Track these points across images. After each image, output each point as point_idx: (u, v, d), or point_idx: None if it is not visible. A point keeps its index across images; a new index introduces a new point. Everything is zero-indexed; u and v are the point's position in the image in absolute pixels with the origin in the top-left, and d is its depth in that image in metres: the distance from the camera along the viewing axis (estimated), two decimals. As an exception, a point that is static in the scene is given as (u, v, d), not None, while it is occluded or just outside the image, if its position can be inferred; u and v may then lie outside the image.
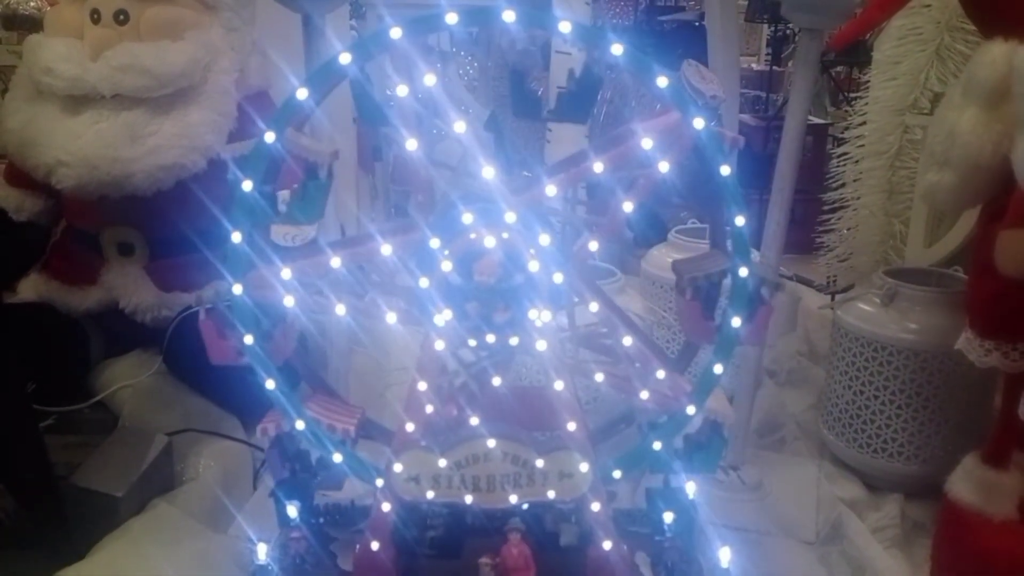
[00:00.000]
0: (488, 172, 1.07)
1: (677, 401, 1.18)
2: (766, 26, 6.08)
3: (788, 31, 5.48)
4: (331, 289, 1.14)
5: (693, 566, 1.23)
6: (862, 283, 2.14)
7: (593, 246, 1.14)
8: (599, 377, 1.20)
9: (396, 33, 1.00)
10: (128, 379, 1.98)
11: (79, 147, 1.82)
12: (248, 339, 1.11)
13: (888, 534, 1.67)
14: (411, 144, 1.07)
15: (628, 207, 1.10)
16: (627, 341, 1.16)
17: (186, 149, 1.86)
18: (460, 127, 1.06)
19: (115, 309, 2.02)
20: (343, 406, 1.25)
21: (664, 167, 1.07)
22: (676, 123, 1.07)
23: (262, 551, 1.18)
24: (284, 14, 1.53)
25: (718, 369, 1.17)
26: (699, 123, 1.05)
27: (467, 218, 1.07)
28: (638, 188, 1.10)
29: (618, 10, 6.70)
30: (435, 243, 1.08)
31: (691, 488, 1.30)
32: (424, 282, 1.09)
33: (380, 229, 1.13)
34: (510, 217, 1.07)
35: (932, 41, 2.26)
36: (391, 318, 1.13)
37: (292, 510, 1.18)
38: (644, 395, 1.18)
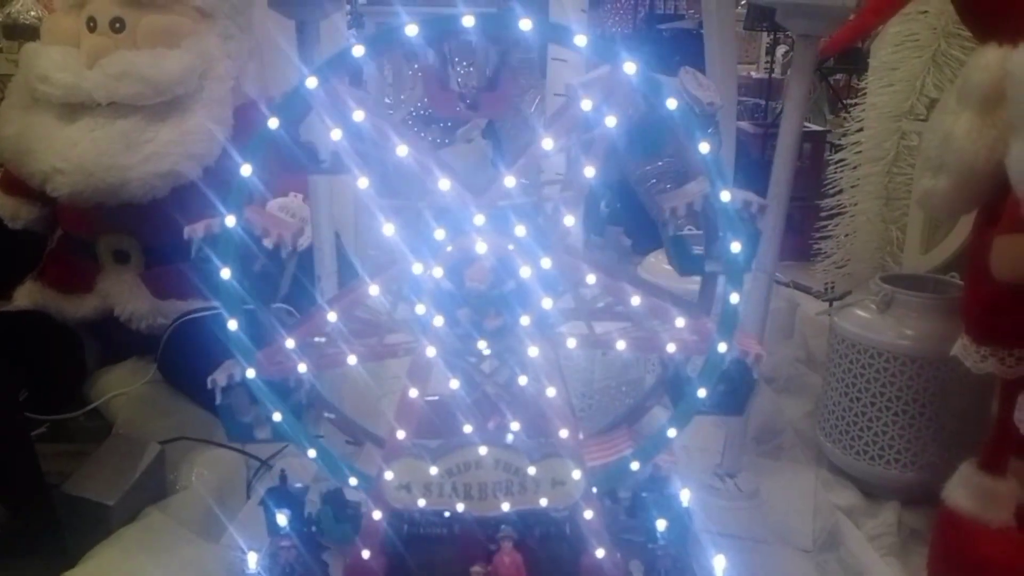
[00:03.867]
0: (444, 184, 1.06)
1: (705, 342, 1.14)
2: (765, 34, 6.08)
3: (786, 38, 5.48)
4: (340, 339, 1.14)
5: (687, 574, 1.22)
6: (859, 289, 2.13)
7: (569, 221, 1.11)
8: (620, 345, 1.16)
9: (359, 51, 1.01)
10: (123, 387, 1.98)
11: (75, 155, 1.82)
12: (225, 273, 1.09)
13: (885, 542, 1.66)
14: (362, 183, 1.07)
15: (590, 172, 1.08)
16: (635, 301, 1.13)
17: (182, 157, 1.87)
18: (402, 151, 1.05)
19: (110, 317, 2.02)
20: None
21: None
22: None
23: (252, 560, 1.17)
24: (278, 21, 1.54)
25: (672, 433, 1.16)
26: (726, 196, 1.05)
27: (479, 219, 1.07)
28: (595, 148, 1.08)
29: (617, 18, 6.73)
30: (440, 234, 1.07)
31: (685, 495, 1.29)
32: (420, 309, 1.09)
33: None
34: (520, 231, 1.07)
35: (929, 47, 2.26)
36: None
37: (281, 519, 1.17)
38: (671, 347, 1.14)
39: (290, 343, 1.13)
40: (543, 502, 1.14)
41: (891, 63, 2.35)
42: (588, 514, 1.15)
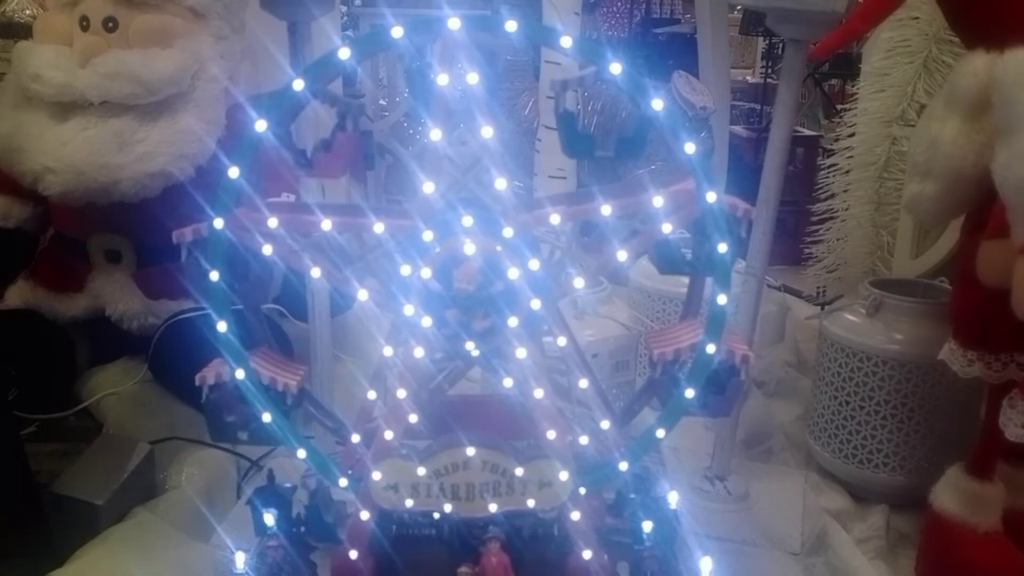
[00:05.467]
0: (500, 184, 1.07)
1: (612, 453, 1.16)
2: (760, 39, 6.10)
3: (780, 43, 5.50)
4: (311, 253, 1.12)
5: (673, 576, 1.22)
6: (850, 294, 2.14)
7: (579, 283, 1.14)
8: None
9: (344, 53, 1.01)
10: (113, 387, 1.97)
11: (66, 154, 1.82)
12: (213, 275, 1.08)
13: (873, 545, 1.66)
14: (435, 134, 1.06)
15: (623, 256, 1.11)
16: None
17: (174, 156, 1.86)
18: (487, 132, 1.05)
19: (102, 316, 2.02)
20: (288, 363, 1.21)
21: (668, 229, 1.08)
22: (689, 192, 1.07)
23: (240, 560, 1.17)
24: (272, 22, 1.54)
25: (660, 434, 1.16)
26: (711, 197, 1.05)
27: (467, 220, 1.07)
28: (636, 241, 1.11)
29: (613, 22, 6.74)
30: (428, 236, 1.07)
31: (674, 498, 1.30)
32: (409, 310, 1.09)
33: (374, 207, 1.12)
34: (508, 232, 1.07)
35: (920, 53, 2.27)
36: (363, 295, 1.12)
37: (268, 518, 1.17)
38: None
39: (273, 222, 1.09)
40: (530, 503, 1.14)
41: (883, 69, 2.36)
42: (575, 515, 1.16)
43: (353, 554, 1.17)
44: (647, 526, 1.20)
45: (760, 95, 5.14)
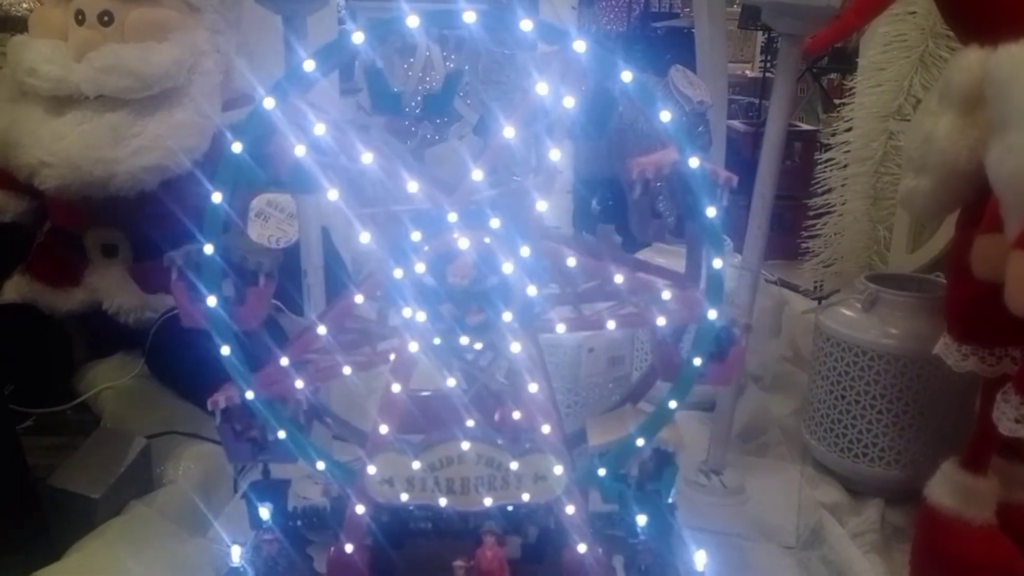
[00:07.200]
0: (412, 186, 1.08)
1: (694, 310, 1.15)
2: (760, 33, 6.09)
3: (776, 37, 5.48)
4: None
5: (668, 569, 1.22)
6: (847, 288, 2.14)
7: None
8: (611, 324, 1.18)
9: (309, 65, 1.02)
10: (110, 381, 1.98)
11: (62, 148, 1.82)
12: (211, 301, 1.10)
13: (868, 539, 1.67)
14: (332, 195, 1.08)
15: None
16: (619, 279, 1.14)
17: (169, 151, 1.86)
18: (367, 159, 1.07)
19: (98, 310, 2.02)
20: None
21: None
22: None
23: (236, 553, 1.18)
24: (267, 16, 1.54)
25: (673, 405, 1.17)
26: (694, 162, 1.06)
27: (415, 236, 1.08)
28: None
29: (612, 16, 6.73)
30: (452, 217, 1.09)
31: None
32: (407, 312, 1.10)
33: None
34: (452, 217, 1.08)
35: (917, 48, 2.27)
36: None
37: (264, 512, 1.17)
38: (661, 320, 1.15)
39: (285, 361, 1.14)
40: (525, 497, 1.15)
41: (879, 63, 2.36)
42: (570, 509, 1.16)
43: (348, 548, 1.17)
44: (642, 519, 1.21)
45: (759, 89, 5.14)
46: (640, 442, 1.18)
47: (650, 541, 1.21)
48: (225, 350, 1.12)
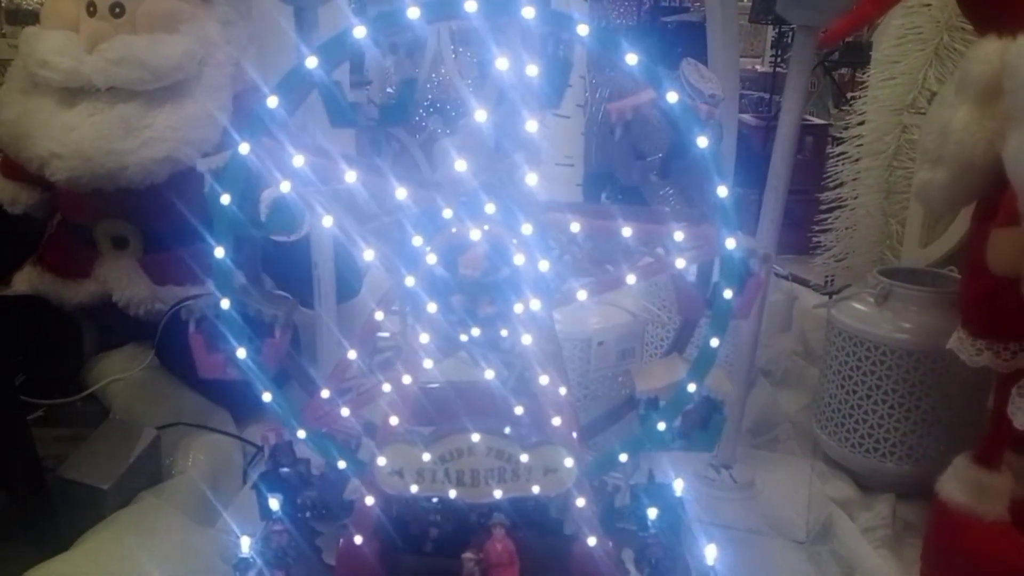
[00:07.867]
0: (400, 193, 1.08)
1: (711, 245, 1.13)
2: (770, 27, 6.05)
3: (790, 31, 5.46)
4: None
5: (679, 563, 1.22)
6: (859, 283, 2.13)
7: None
8: (630, 279, 1.15)
9: (360, 32, 1.01)
10: (120, 372, 1.98)
11: (73, 139, 1.82)
12: (241, 353, 1.11)
13: (878, 534, 1.66)
14: (327, 221, 1.08)
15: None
16: (626, 232, 1.12)
17: (180, 142, 1.86)
18: (351, 177, 1.08)
19: (109, 302, 2.02)
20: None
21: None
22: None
23: (245, 544, 1.18)
24: (278, 7, 1.53)
25: (715, 343, 1.14)
26: (672, 97, 1.04)
27: (490, 207, 1.07)
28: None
29: (622, 9, 6.70)
30: (448, 213, 1.08)
31: (679, 485, 1.29)
32: (410, 280, 1.09)
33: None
34: (446, 214, 1.08)
35: (931, 41, 2.25)
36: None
37: (273, 503, 1.17)
38: (680, 263, 1.13)
39: (326, 393, 1.15)
40: (535, 489, 1.14)
41: (893, 56, 2.34)
42: (580, 502, 1.15)
43: (358, 539, 1.17)
44: (652, 513, 1.20)
45: (769, 84, 5.11)
46: (691, 387, 1.16)
47: (660, 535, 1.20)
48: (267, 396, 1.14)
